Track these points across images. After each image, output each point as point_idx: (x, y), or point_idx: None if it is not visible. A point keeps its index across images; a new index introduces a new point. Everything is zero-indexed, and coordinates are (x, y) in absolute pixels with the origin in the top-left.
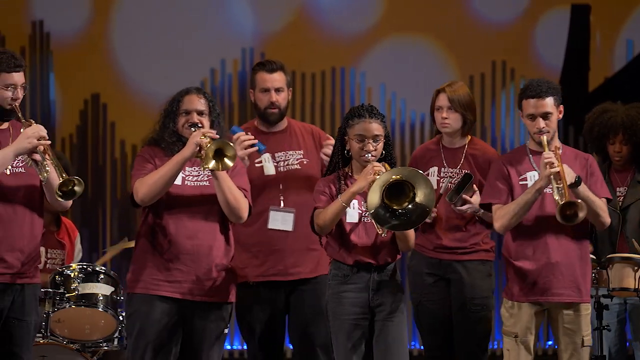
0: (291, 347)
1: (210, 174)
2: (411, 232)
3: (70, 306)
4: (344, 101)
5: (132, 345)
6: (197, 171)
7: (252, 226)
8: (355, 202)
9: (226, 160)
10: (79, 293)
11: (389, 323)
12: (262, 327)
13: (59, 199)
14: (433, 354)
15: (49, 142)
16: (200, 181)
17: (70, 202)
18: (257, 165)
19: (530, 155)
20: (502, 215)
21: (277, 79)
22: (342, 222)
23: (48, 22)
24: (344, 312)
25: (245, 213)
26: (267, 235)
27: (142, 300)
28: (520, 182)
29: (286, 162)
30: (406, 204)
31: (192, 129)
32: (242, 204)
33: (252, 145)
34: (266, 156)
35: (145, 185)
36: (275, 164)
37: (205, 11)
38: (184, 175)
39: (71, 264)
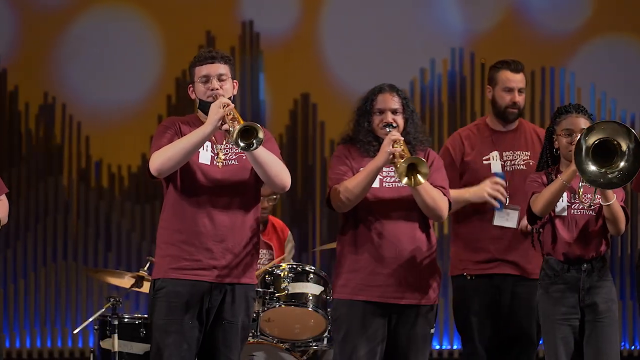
0: None
1: None
2: (621, 214)
3: (280, 305)
4: (554, 101)
5: (338, 350)
6: (394, 172)
7: (475, 223)
8: (564, 195)
9: (419, 176)
10: (289, 292)
11: (600, 324)
12: (479, 323)
13: (242, 143)
14: None
15: (232, 105)
16: (398, 182)
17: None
18: (484, 162)
19: None
20: None
21: (520, 79)
22: (552, 216)
23: (258, 22)
24: (555, 311)
25: (445, 212)
26: (490, 232)
27: (347, 305)
28: None
29: (512, 162)
30: (616, 159)
31: (387, 129)
32: (440, 203)
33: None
34: (494, 154)
35: (341, 194)
36: (502, 162)
37: (415, 11)
38: (382, 177)
39: (281, 264)
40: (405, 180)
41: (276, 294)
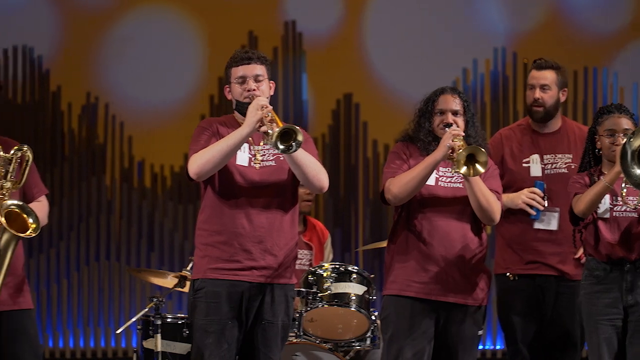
0: None
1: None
2: None
3: (323, 305)
4: (596, 101)
5: (386, 349)
6: (450, 172)
7: (516, 224)
8: (607, 197)
9: (478, 166)
10: (332, 292)
11: None
12: (522, 323)
13: (281, 145)
14: None
15: (271, 107)
16: (454, 182)
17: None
18: (524, 165)
19: None
20: None
21: (544, 76)
22: (594, 218)
23: (300, 22)
24: (598, 312)
25: (497, 216)
26: (530, 235)
27: (394, 303)
28: None
29: (553, 165)
30: None
31: (447, 129)
32: (494, 207)
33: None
34: (534, 157)
35: (396, 186)
36: (543, 165)
37: (458, 11)
38: (438, 176)
39: (324, 264)
40: (464, 169)
41: (319, 294)
